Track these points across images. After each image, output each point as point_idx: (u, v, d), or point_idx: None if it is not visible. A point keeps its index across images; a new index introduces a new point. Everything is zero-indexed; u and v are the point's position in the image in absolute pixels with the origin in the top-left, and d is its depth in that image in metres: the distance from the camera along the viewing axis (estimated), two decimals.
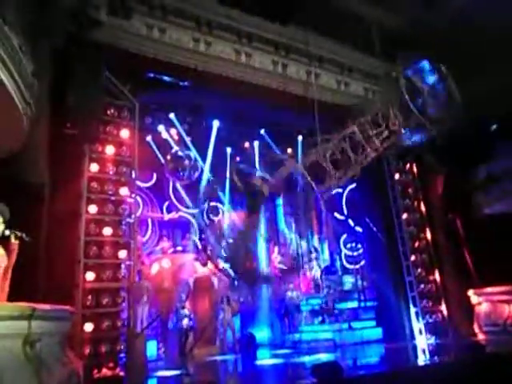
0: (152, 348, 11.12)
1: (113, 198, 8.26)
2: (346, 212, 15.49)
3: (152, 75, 9.57)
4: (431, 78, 9.48)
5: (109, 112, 8.63)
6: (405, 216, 12.02)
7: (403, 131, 9.91)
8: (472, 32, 10.35)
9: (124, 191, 8.44)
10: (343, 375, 6.01)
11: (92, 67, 7.92)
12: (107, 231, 8.01)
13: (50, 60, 7.22)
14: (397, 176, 12.29)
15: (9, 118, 5.64)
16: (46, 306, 4.67)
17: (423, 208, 12.37)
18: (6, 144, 6.02)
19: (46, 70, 6.88)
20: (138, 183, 10.77)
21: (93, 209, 7.98)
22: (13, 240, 4.99)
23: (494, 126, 11.56)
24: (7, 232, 4.97)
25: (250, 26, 10.31)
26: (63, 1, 7.26)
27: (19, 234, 4.99)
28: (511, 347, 8.93)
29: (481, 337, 10.44)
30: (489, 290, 10.63)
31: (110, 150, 8.48)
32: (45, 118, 7.14)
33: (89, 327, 7.29)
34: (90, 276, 7.59)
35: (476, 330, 10.67)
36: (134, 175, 8.74)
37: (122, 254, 8.07)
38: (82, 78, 7.66)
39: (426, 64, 9.61)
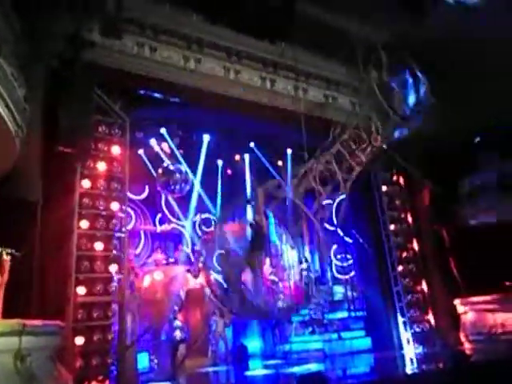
0: (144, 360, 11.20)
1: (104, 213, 8.41)
2: (335, 222, 15.66)
3: (143, 92, 9.82)
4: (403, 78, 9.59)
5: (100, 129, 8.81)
6: (392, 227, 12.25)
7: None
8: (460, 44, 10.63)
9: (115, 206, 8.59)
10: None
11: (83, 86, 8.12)
12: (99, 246, 8.15)
13: (44, 82, 7.44)
14: (384, 188, 12.54)
15: (1, 141, 5.82)
16: (37, 322, 4.81)
17: (410, 219, 12.62)
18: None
19: (39, 92, 7.09)
20: (131, 196, 10.94)
21: (84, 224, 8.13)
22: (4, 257, 5.12)
23: (478, 139, 11.84)
24: None
25: (238, 44, 10.62)
26: (57, 26, 7.50)
27: (10, 250, 5.12)
28: (496, 356, 9.13)
29: (467, 345, 10.64)
30: (474, 299, 10.84)
31: (101, 166, 8.64)
32: (38, 138, 7.34)
33: (80, 340, 7.40)
34: (82, 290, 7.71)
35: (462, 338, 10.87)
36: (125, 190, 8.91)
37: (113, 267, 8.21)
38: (74, 97, 7.87)
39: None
